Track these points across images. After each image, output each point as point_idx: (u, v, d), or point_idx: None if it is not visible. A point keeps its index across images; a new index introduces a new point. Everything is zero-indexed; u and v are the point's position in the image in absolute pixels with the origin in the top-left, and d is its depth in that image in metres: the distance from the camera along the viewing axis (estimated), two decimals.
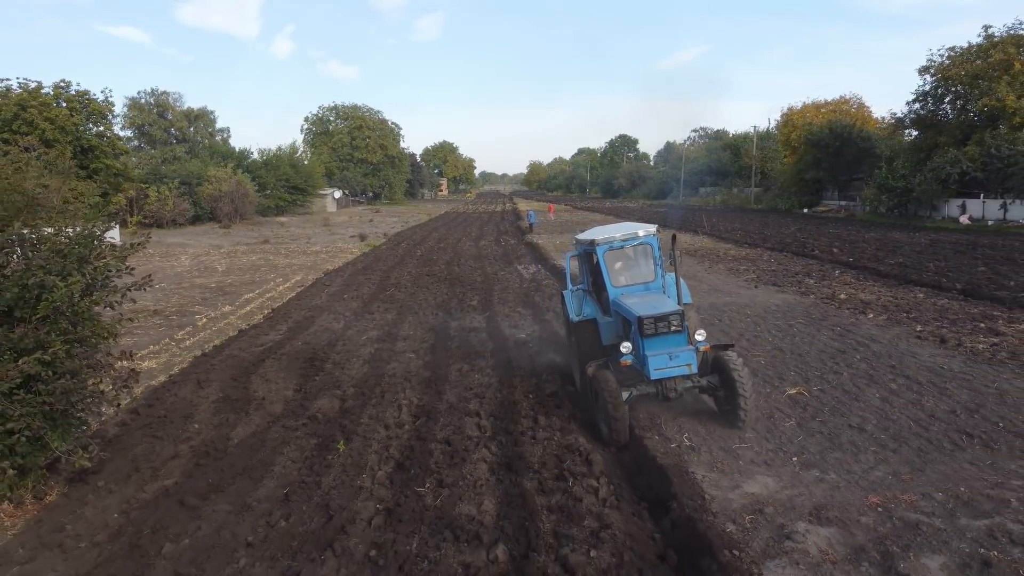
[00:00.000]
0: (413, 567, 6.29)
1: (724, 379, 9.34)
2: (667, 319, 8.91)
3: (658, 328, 8.89)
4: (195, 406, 11.06)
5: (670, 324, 8.91)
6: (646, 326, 8.90)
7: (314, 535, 6.92)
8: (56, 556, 6.65)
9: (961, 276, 22.29)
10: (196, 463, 8.84)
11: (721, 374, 9.38)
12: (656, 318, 8.90)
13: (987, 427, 9.24)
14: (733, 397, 9.17)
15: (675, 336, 8.99)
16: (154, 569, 6.37)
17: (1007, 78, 47.97)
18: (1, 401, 6.60)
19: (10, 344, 6.77)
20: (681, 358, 8.94)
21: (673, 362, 8.92)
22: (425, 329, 16.92)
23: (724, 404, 9.53)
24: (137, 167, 62.18)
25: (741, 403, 9.06)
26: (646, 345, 8.99)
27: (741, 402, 9.06)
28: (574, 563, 6.18)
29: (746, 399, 9.04)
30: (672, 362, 8.92)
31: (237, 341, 15.83)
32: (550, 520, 7.09)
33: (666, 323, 8.90)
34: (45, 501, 7.76)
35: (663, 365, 8.92)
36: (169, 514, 7.40)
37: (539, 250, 34.88)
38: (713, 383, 9.47)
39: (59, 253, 7.30)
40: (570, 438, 9.22)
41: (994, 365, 12.14)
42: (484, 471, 8.30)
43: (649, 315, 8.95)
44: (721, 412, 9.70)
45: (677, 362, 8.93)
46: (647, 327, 8.89)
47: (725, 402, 9.46)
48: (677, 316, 8.98)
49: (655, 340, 8.96)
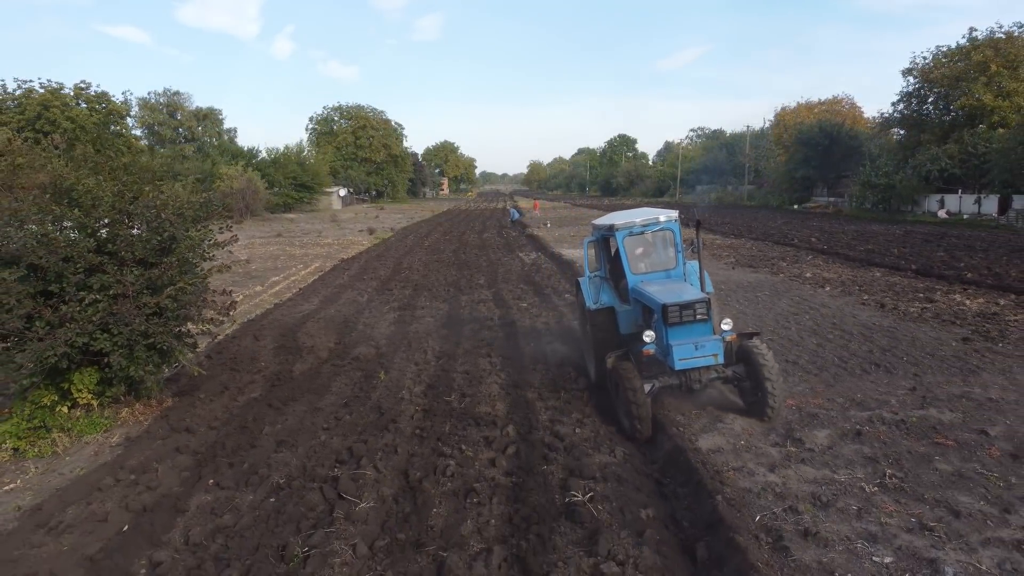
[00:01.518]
0: (447, 439, 8.73)
1: (750, 370, 8.99)
2: (693, 307, 8.55)
3: (683, 316, 8.54)
4: (257, 352, 13.52)
5: (696, 312, 8.55)
6: (671, 314, 8.52)
7: (372, 424, 9.36)
8: (186, 435, 9.09)
9: (919, 260, 24.75)
10: (271, 385, 11.31)
11: (747, 364, 9.03)
12: (681, 306, 8.53)
13: (893, 361, 11.68)
14: (760, 388, 8.81)
15: (700, 325, 8.64)
16: (260, 440, 8.82)
17: (984, 79, 50.44)
18: (146, 323, 9.03)
19: (149, 282, 9.20)
20: (707, 348, 8.54)
21: (699, 352, 8.51)
22: (439, 301, 19.37)
23: (750, 395, 9.19)
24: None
25: (769, 395, 8.72)
26: (670, 334, 8.61)
27: (769, 395, 8.72)
28: (563, 434, 8.65)
29: (774, 390, 8.69)
30: (698, 352, 8.51)
31: (277, 310, 18.26)
32: (546, 414, 9.57)
33: (692, 311, 8.54)
34: (164, 405, 10.22)
35: (688, 355, 8.50)
36: (261, 412, 9.87)
37: (539, 241, 37.29)
38: (739, 373, 9.12)
39: (180, 215, 9.72)
40: (564, 369, 11.70)
41: (918, 322, 14.60)
42: (496, 388, 10.76)
43: (674, 303, 8.57)
44: (746, 404, 9.37)
45: (703, 352, 8.53)
46: (672, 315, 8.52)
47: (751, 393, 9.14)
48: (703, 304, 8.62)
49: (680, 329, 8.61)
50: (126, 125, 62.31)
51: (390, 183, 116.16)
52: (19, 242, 8.50)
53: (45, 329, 8.53)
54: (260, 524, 6.65)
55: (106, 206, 9.17)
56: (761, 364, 8.72)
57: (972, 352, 12.08)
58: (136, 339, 9.06)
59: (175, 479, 7.74)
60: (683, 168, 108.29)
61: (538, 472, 7.62)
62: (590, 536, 6.24)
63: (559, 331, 14.88)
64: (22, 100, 55.96)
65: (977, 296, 17.52)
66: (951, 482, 7.14)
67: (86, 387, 9.32)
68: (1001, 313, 15.34)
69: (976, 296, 17.52)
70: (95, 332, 8.80)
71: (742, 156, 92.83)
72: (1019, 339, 12.97)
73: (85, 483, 7.63)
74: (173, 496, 7.31)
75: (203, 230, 10.18)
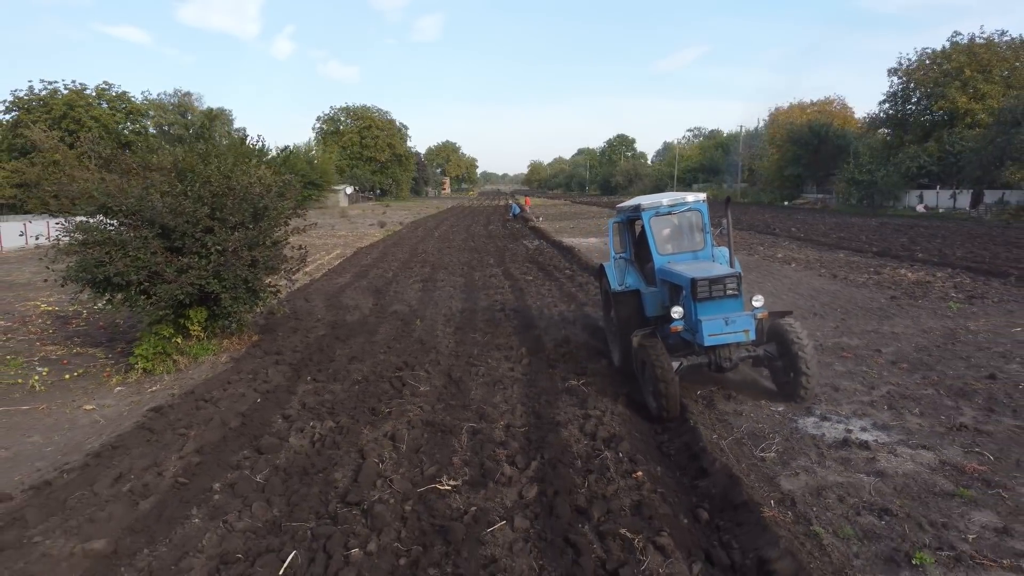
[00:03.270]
0: (476, 358, 11.61)
1: (783, 349, 8.69)
2: (723, 281, 8.33)
3: (712, 291, 8.31)
4: (312, 309, 16.40)
5: (726, 287, 8.33)
6: (700, 289, 8.31)
7: (417, 349, 12.23)
8: (277, 357, 11.96)
9: (882, 244, 27.63)
10: (331, 329, 14.18)
11: (780, 343, 8.74)
12: (711, 280, 8.32)
13: (828, 310, 14.56)
14: (795, 369, 8.55)
15: (731, 300, 8.43)
16: (336, 358, 11.69)
17: (958, 83, 53.37)
18: (246, 271, 11.87)
19: (247, 241, 12.03)
20: (738, 324, 8.28)
21: (729, 328, 8.27)
22: (456, 275, 22.27)
23: (782, 376, 8.95)
24: None
25: (804, 375, 8.45)
26: (699, 309, 8.40)
27: (804, 375, 8.45)
28: (563, 352, 11.54)
29: (809, 370, 8.42)
30: (728, 328, 8.26)
31: (315, 284, 21.14)
32: (551, 344, 12.45)
33: (721, 286, 8.32)
34: (252, 339, 13.10)
35: (718, 331, 8.27)
36: (330, 342, 12.76)
37: (542, 232, 40.14)
38: (771, 353, 8.84)
39: (267, 188, 12.58)
40: (565, 319, 14.58)
41: (860, 287, 17.48)
42: (510, 330, 13.66)
43: (703, 277, 8.37)
44: (778, 385, 9.16)
45: (733, 328, 8.27)
46: (701, 290, 8.31)
47: (783, 373, 8.89)
48: (734, 279, 8.41)
49: (709, 304, 8.38)
50: (145, 125, 65.08)
51: (394, 182, 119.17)
52: (155, 208, 11.33)
53: (174, 274, 11.38)
54: (352, 398, 9.53)
55: (214, 184, 12.02)
56: (795, 343, 8.42)
57: (894, 306, 14.98)
58: (238, 284, 11.92)
59: (281, 378, 10.62)
60: (680, 167, 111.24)
61: (545, 374, 10.53)
62: (582, 402, 9.11)
63: (560, 295, 17.75)
64: (47, 100, 58.85)
65: (919, 270, 20.39)
66: (841, 375, 10.02)
67: (198, 322, 12.17)
68: (933, 282, 18.21)
69: (919, 270, 20.40)
70: (209, 278, 11.64)
71: (736, 155, 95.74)
72: (937, 298, 15.84)
73: (217, 380, 10.52)
74: (284, 387, 10.19)
75: (283, 203, 13.05)
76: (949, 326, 12.90)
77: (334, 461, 7.33)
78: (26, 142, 52.73)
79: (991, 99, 52.73)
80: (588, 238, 33.94)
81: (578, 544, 5.53)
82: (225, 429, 8.40)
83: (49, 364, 12.45)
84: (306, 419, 8.71)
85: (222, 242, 11.71)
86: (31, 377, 11.52)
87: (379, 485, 6.69)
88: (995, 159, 44.25)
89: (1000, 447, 7.20)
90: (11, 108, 57.56)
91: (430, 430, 8.26)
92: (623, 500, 6.29)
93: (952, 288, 17.16)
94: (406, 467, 7.17)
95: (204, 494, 6.67)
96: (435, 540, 5.75)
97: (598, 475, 6.80)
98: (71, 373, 11.87)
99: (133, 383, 11.26)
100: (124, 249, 11.10)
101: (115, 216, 11.63)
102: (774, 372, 9.20)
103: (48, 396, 10.66)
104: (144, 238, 11.23)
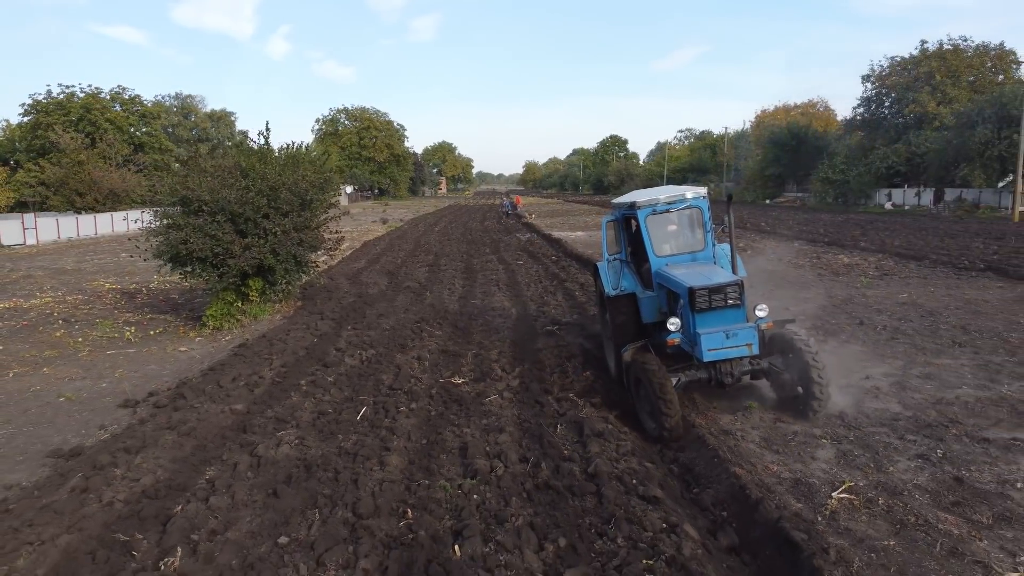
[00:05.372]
0: (477, 316, 14.92)
1: (790, 361, 8.05)
2: (723, 291, 7.75)
3: (712, 302, 7.73)
4: (337, 286, 19.67)
5: (727, 297, 7.76)
6: (699, 299, 7.73)
7: (429, 311, 15.52)
8: (319, 316, 15.21)
9: (836, 236, 31.02)
10: (357, 298, 17.47)
11: (786, 355, 8.11)
12: (711, 290, 7.73)
13: (761, 284, 17.83)
14: (804, 384, 7.83)
15: (732, 311, 7.83)
16: (367, 316, 14.97)
17: (928, 88, 56.93)
18: (296, 249, 15.11)
19: (295, 225, 15.25)
20: (740, 337, 7.66)
21: (731, 341, 7.65)
22: (457, 261, 25.60)
23: (788, 390, 8.22)
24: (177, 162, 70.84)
25: (816, 390, 7.70)
26: (698, 321, 7.81)
27: (816, 389, 7.69)
28: (545, 311, 14.86)
29: (822, 385, 7.69)
30: (729, 341, 7.65)
31: (335, 268, 24.40)
32: (536, 309, 15.75)
33: (722, 296, 7.75)
34: (297, 305, 16.39)
35: (719, 345, 7.66)
36: (360, 306, 16.08)
37: (534, 227, 43.47)
38: (776, 366, 8.17)
39: (311, 183, 15.86)
40: (547, 291, 17.89)
41: (797, 269, 20.83)
42: (502, 298, 16.99)
43: (702, 286, 7.77)
44: (781, 399, 8.37)
45: (735, 341, 7.66)
46: (700, 300, 7.73)
47: (789, 387, 8.17)
48: (735, 288, 7.80)
49: (709, 315, 7.80)
50: (156, 125, 68.24)
51: (392, 181, 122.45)
52: (227, 199, 14.54)
53: (240, 251, 14.61)
54: (385, 338, 12.82)
55: (270, 179, 15.27)
56: (805, 355, 7.75)
57: (817, 281, 18.36)
58: (289, 259, 15.18)
59: (328, 328, 13.91)
60: (670, 167, 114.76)
61: (530, 324, 13.85)
62: (558, 340, 12.41)
63: (544, 274, 21.08)
64: (64, 103, 61.90)
65: (855, 256, 23.77)
66: None
67: (256, 290, 15.41)
68: (861, 264, 21.58)
69: (855, 256, 23.78)
70: (267, 254, 14.87)
71: (722, 155, 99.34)
72: (857, 275, 19.19)
73: (279, 330, 13.82)
74: (332, 333, 13.48)
75: (324, 195, 16.33)
76: (851, 294, 16.27)
77: (379, 370, 10.62)
78: (46, 143, 55.84)
79: (958, 103, 56.29)
80: (575, 232, 37.27)
81: (543, 403, 8.86)
82: (297, 355, 11.69)
83: (132, 325, 15.66)
84: (354, 349, 11.99)
85: (277, 225, 14.96)
86: (124, 333, 14.75)
87: (412, 381, 9.99)
88: (953, 160, 47.75)
89: (844, 364, 10.44)
90: (30, 111, 60.59)
91: (444, 355, 11.58)
92: (576, 387, 9.60)
93: (873, 268, 20.54)
94: (429, 373, 10.48)
95: (295, 386, 9.93)
96: (452, 405, 9.06)
97: (560, 374, 10.13)
98: (153, 330, 15.09)
99: (207, 336, 14.48)
100: (202, 231, 14.33)
101: (191, 205, 14.86)
102: (778, 386, 8.41)
103: (143, 344, 13.88)
104: (218, 223, 14.46)
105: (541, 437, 7.69)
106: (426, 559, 5.21)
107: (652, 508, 5.94)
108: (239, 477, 6.81)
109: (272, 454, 7.29)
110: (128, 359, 12.55)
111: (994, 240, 28.23)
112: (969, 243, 27.07)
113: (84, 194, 47.25)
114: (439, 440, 7.75)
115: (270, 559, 5.33)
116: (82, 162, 47.76)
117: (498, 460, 7.04)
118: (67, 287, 21.08)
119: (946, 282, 17.99)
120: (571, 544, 5.45)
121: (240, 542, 5.59)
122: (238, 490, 6.47)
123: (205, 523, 5.87)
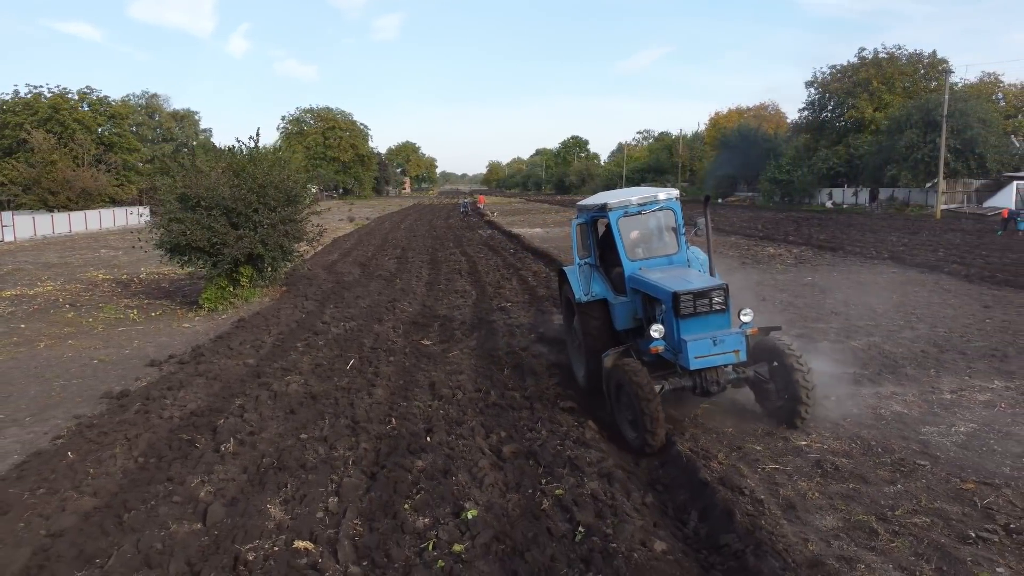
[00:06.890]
0: (441, 297, 17.22)
1: (776, 370, 7.91)
2: (708, 295, 7.53)
3: (698, 307, 7.49)
4: (316, 275, 21.77)
5: (712, 302, 7.53)
6: (683, 304, 7.46)
7: (400, 294, 17.76)
8: (303, 299, 17.34)
9: (769, 231, 34.00)
10: (335, 283, 19.64)
11: (772, 363, 7.97)
12: (695, 294, 7.50)
13: None
14: (791, 392, 7.67)
15: (717, 316, 7.62)
16: (346, 297, 17.16)
17: (865, 95, 60.78)
18: (282, 240, 17.21)
19: (282, 218, 17.34)
20: (727, 343, 7.45)
21: (718, 348, 7.43)
22: (423, 255, 27.86)
23: (774, 399, 8.04)
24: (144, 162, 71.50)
25: (803, 393, 7.56)
26: (683, 327, 7.55)
27: (803, 395, 7.56)
28: (501, 293, 17.25)
29: (808, 389, 7.56)
30: (716, 348, 7.42)
31: (311, 260, 26.38)
32: (492, 291, 18.13)
33: (707, 300, 7.52)
34: (282, 290, 18.50)
35: (705, 352, 7.42)
36: (339, 290, 18.26)
37: (495, 224, 45.86)
38: (761, 374, 8.07)
39: (297, 183, 17.95)
40: (504, 278, 20.28)
41: (724, 258, 23.51)
42: (464, 283, 19.33)
43: (687, 291, 7.52)
44: (767, 409, 8.19)
45: (722, 348, 7.44)
46: (684, 305, 7.46)
47: (776, 396, 8.00)
48: (720, 292, 7.60)
49: (694, 321, 7.56)
50: (124, 125, 68.84)
51: (357, 181, 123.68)
52: (223, 195, 16.57)
53: (234, 242, 16.66)
54: (363, 314, 15.06)
55: (259, 178, 17.35)
56: (791, 361, 7.62)
57: (740, 268, 21.07)
58: (276, 248, 17.29)
59: (313, 306, 16.09)
60: (629, 167, 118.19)
61: (487, 303, 16.20)
62: (508, 315, 14.78)
63: (502, 264, 23.48)
64: (32, 103, 62.21)
65: (780, 248, 26.65)
66: None
67: (246, 276, 17.47)
68: (783, 255, 24.42)
69: (780, 248, 26.65)
70: (257, 244, 16.95)
71: (677, 156, 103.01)
72: (776, 263, 21.97)
73: (270, 309, 15.95)
74: (316, 311, 15.66)
75: (308, 191, 18.47)
76: (764, 278, 19.00)
77: (361, 336, 12.88)
78: (13, 142, 56.39)
79: (892, 108, 60.18)
80: (534, 228, 39.77)
81: (498, 357, 11.22)
82: (290, 327, 13.89)
83: (134, 308, 17.58)
84: (337, 322, 14.21)
85: (266, 219, 17.06)
86: (129, 315, 16.69)
87: (389, 343, 12.28)
88: (884, 162, 51.48)
89: None
90: None
91: (415, 325, 13.90)
92: (523, 344, 11.99)
93: (792, 258, 23.38)
94: (403, 337, 12.79)
95: (293, 347, 12.13)
96: (423, 359, 11.38)
97: (509, 336, 12.53)
98: (154, 312, 17.05)
99: (204, 317, 16.50)
100: (200, 224, 16.37)
101: (190, 201, 16.86)
102: (761, 395, 8.25)
103: (149, 323, 15.86)
104: (214, 216, 16.51)
105: (491, 377, 10.08)
106: (407, 445, 7.52)
107: (569, 415, 8.36)
108: (262, 404, 9.03)
109: (284, 389, 9.53)
110: (140, 334, 14.56)
111: (909, 235, 31.51)
112: (886, 237, 30.25)
113: (57, 193, 48.21)
114: (413, 380, 10.08)
115: (296, 447, 7.58)
116: (54, 161, 48.66)
117: (458, 390, 9.40)
118: (63, 278, 22.79)
119: (850, 269, 20.86)
120: (509, 435, 7.83)
121: (272, 439, 7.82)
122: (264, 411, 8.70)
123: (243, 429, 8.08)
